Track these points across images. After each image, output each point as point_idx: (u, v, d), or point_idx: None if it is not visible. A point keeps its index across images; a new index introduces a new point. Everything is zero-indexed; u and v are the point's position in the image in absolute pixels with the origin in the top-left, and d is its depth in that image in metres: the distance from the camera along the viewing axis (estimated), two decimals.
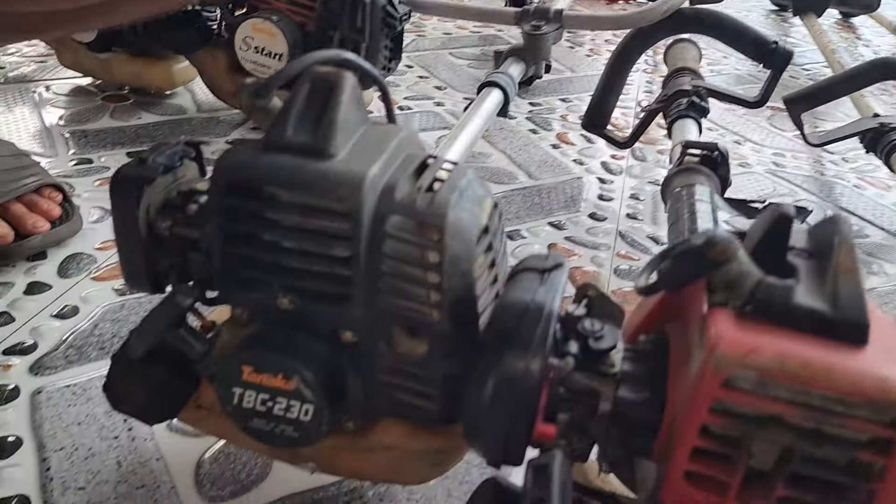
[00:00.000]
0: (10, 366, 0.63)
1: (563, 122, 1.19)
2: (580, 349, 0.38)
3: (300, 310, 0.41)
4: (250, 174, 0.39)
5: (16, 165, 0.79)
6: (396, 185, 0.40)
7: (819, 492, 0.33)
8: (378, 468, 0.46)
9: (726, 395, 0.32)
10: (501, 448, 0.37)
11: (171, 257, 0.46)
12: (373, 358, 0.41)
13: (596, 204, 0.97)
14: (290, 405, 0.41)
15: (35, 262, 0.75)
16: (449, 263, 0.38)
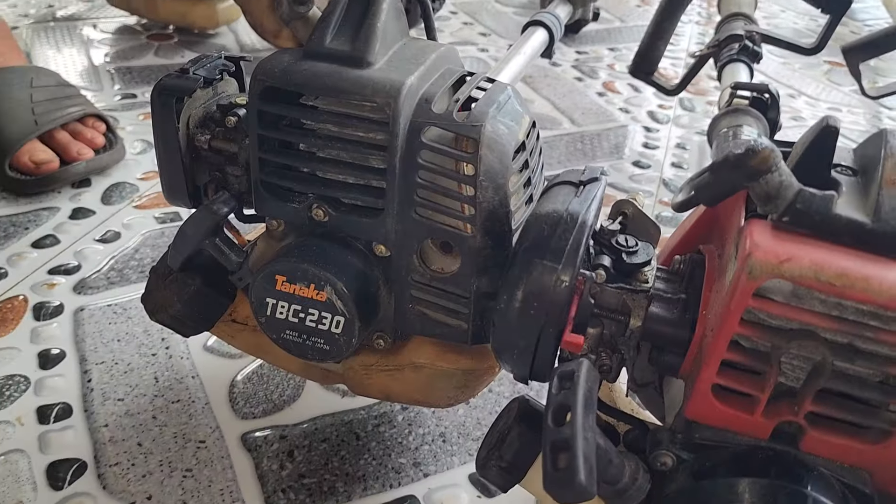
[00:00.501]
0: (55, 284, 0.64)
1: (609, 70, 1.16)
2: (613, 264, 0.37)
3: (334, 221, 0.41)
4: (288, 80, 0.39)
5: (60, 95, 0.80)
6: (434, 98, 0.39)
7: (850, 409, 0.32)
8: (407, 388, 0.46)
9: (759, 305, 0.31)
10: (529, 361, 0.37)
11: (209, 171, 0.46)
12: (405, 273, 0.41)
13: (640, 152, 0.95)
14: (321, 316, 0.41)
15: (80, 189, 0.77)
16: (484, 176, 0.38)
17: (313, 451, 0.52)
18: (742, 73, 0.82)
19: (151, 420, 0.53)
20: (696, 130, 1.01)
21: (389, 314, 0.43)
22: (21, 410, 0.53)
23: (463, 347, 0.44)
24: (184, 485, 0.49)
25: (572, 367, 0.31)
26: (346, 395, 0.56)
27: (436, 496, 0.50)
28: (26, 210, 0.73)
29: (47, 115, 0.77)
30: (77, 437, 0.51)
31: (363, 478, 0.51)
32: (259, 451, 0.52)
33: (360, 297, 0.40)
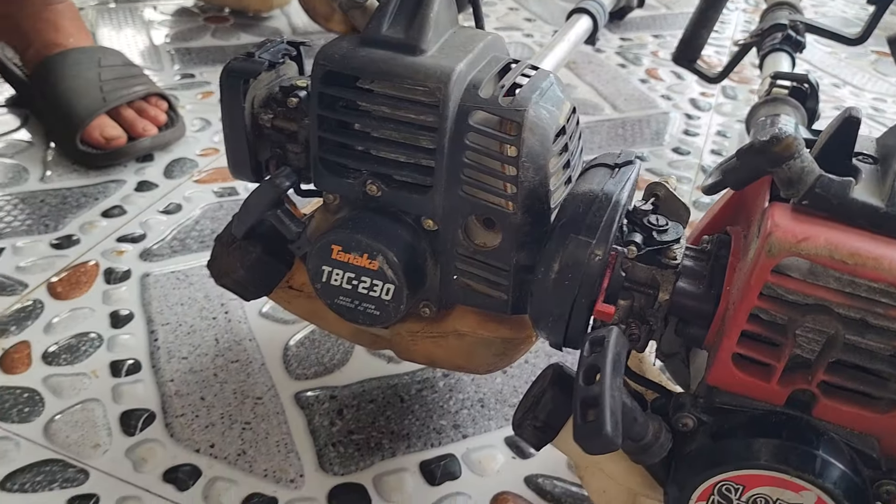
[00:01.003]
0: (123, 251, 0.69)
1: (653, 57, 1.18)
2: (644, 241, 0.39)
3: (386, 197, 0.44)
4: (347, 65, 0.42)
5: (126, 74, 0.85)
6: (481, 83, 0.42)
7: (860, 380, 0.34)
8: (449, 354, 0.49)
9: (778, 281, 0.33)
10: (563, 328, 0.40)
11: (270, 148, 0.49)
12: (451, 246, 0.44)
13: (680, 139, 0.96)
14: (373, 284, 0.44)
15: (144, 164, 0.82)
16: (526, 157, 0.40)
17: (361, 410, 0.56)
18: (784, 63, 0.83)
19: (213, 377, 0.58)
20: (738, 118, 1.02)
21: (435, 284, 0.46)
22: (96, 364, 0.58)
23: (503, 317, 0.47)
24: (243, 436, 0.53)
25: (603, 333, 0.34)
26: (391, 361, 0.60)
27: (473, 455, 0.54)
28: (96, 182, 0.78)
29: (114, 93, 0.81)
30: (146, 390, 0.56)
31: (407, 436, 0.54)
32: (311, 408, 0.56)
33: (408, 266, 0.44)
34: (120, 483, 0.50)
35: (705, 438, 0.37)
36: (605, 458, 0.42)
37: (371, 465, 0.52)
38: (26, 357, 0.58)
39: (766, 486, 0.35)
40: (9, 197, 0.75)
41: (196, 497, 0.49)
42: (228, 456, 0.52)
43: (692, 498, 0.37)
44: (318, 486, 0.51)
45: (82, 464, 0.51)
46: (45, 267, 0.66)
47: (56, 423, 0.53)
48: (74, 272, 0.66)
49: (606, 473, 0.43)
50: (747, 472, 0.35)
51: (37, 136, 0.84)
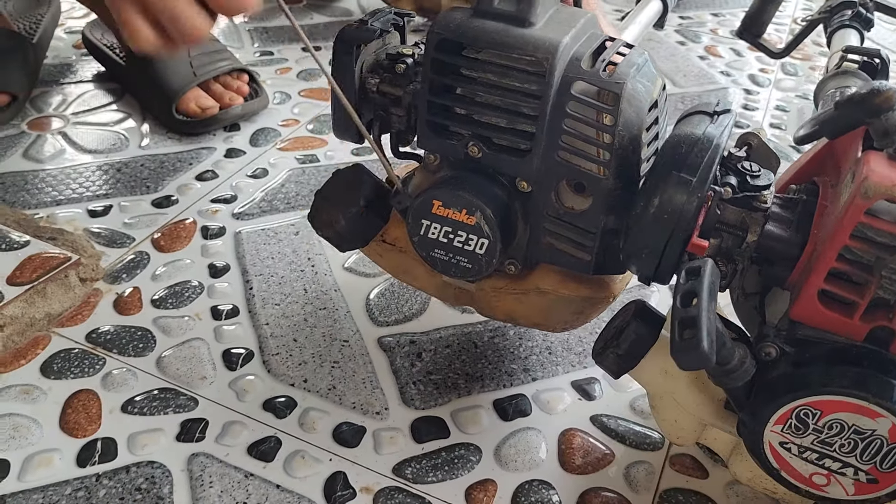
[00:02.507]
0: (217, 210, 0.75)
1: (712, 35, 1.19)
2: (738, 184, 0.42)
3: (486, 158, 0.47)
4: (461, 34, 0.45)
5: (212, 49, 0.91)
6: (582, 57, 0.45)
7: None
8: (530, 311, 0.52)
9: (870, 221, 0.36)
10: (656, 261, 0.43)
11: (374, 111, 0.53)
12: (542, 207, 0.47)
13: (740, 113, 0.98)
14: (468, 238, 0.47)
15: (231, 133, 0.88)
16: (622, 126, 0.43)
17: (438, 354, 0.61)
18: (853, 39, 0.84)
19: (303, 322, 0.63)
20: (798, 94, 1.03)
21: (522, 243, 0.49)
22: (198, 308, 0.64)
23: (582, 277, 0.50)
24: (332, 373, 0.59)
25: (699, 264, 0.37)
26: (465, 311, 0.65)
27: (542, 396, 0.58)
28: (189, 149, 0.85)
29: (203, 68, 0.88)
30: (244, 332, 0.62)
31: (480, 378, 0.59)
32: (393, 351, 0.61)
33: (503, 223, 0.47)
34: (226, 410, 0.56)
35: (787, 366, 0.40)
36: (680, 389, 0.46)
37: (448, 401, 0.57)
38: (138, 301, 0.64)
39: (843, 411, 0.38)
40: (113, 161, 0.82)
41: (293, 424, 0.55)
42: (320, 390, 0.57)
43: (770, 421, 0.40)
44: (402, 418, 0.56)
45: (192, 392, 0.57)
46: (148, 223, 0.73)
47: (167, 358, 0.59)
48: (174, 228, 0.73)
49: (680, 403, 0.46)
50: (826, 398, 0.38)
51: (132, 109, 0.91)
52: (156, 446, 0.53)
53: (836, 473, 0.41)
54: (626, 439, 0.55)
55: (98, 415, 0.55)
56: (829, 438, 0.40)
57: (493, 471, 0.53)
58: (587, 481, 0.52)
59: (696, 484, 0.53)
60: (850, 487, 0.41)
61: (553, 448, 0.54)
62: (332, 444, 0.54)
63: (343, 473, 0.52)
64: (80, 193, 0.76)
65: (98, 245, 0.70)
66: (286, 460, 0.52)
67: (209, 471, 0.51)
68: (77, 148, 0.83)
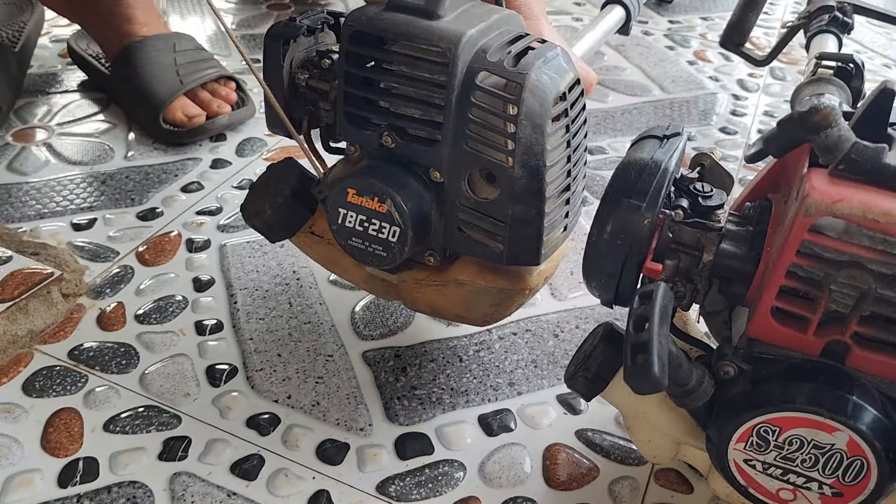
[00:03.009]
0: (202, 223, 0.75)
1: (701, 39, 1.19)
2: (690, 205, 0.43)
3: (400, 148, 0.48)
4: (372, 26, 0.46)
5: (198, 58, 0.91)
6: (490, 49, 0.46)
7: (891, 331, 0.38)
8: (450, 303, 0.53)
9: (814, 238, 0.37)
10: (614, 286, 0.43)
11: (305, 106, 0.54)
12: (454, 197, 0.48)
13: (728, 119, 0.98)
14: (381, 226, 0.48)
15: (217, 143, 0.87)
16: (524, 116, 0.44)
17: (423, 368, 0.61)
18: (830, 44, 0.84)
19: (288, 336, 0.63)
20: (785, 99, 1.03)
21: (440, 234, 0.50)
22: (182, 323, 0.64)
23: (500, 269, 0.51)
24: (316, 389, 0.59)
25: (651, 288, 0.38)
26: (450, 325, 0.65)
27: (527, 411, 0.58)
28: (174, 160, 0.84)
29: (190, 76, 0.87)
30: (228, 347, 0.62)
31: (465, 392, 0.59)
32: (377, 365, 0.61)
33: (414, 212, 0.48)
34: (209, 427, 0.55)
35: (745, 384, 0.40)
36: (650, 409, 0.46)
37: (433, 416, 0.57)
38: (121, 316, 0.64)
39: (801, 427, 0.39)
40: (98, 173, 0.81)
41: (276, 441, 0.55)
42: (304, 406, 0.57)
43: (732, 439, 0.41)
44: (386, 435, 0.56)
45: (175, 410, 0.56)
46: (133, 236, 0.73)
47: (150, 375, 0.59)
48: (159, 241, 0.72)
49: (651, 423, 0.47)
50: (784, 415, 0.39)
51: (118, 119, 0.91)
52: (138, 465, 0.53)
53: (802, 488, 0.41)
54: (610, 454, 0.55)
55: (80, 434, 0.54)
56: (791, 454, 0.40)
57: (477, 488, 0.52)
58: (572, 497, 0.52)
59: (680, 499, 0.53)
60: (816, 502, 0.42)
61: (538, 464, 0.54)
62: (316, 461, 0.53)
63: (326, 492, 0.52)
64: (64, 206, 0.76)
65: (82, 259, 0.69)
66: (269, 479, 0.52)
67: (191, 490, 0.51)
68: (62, 159, 0.83)
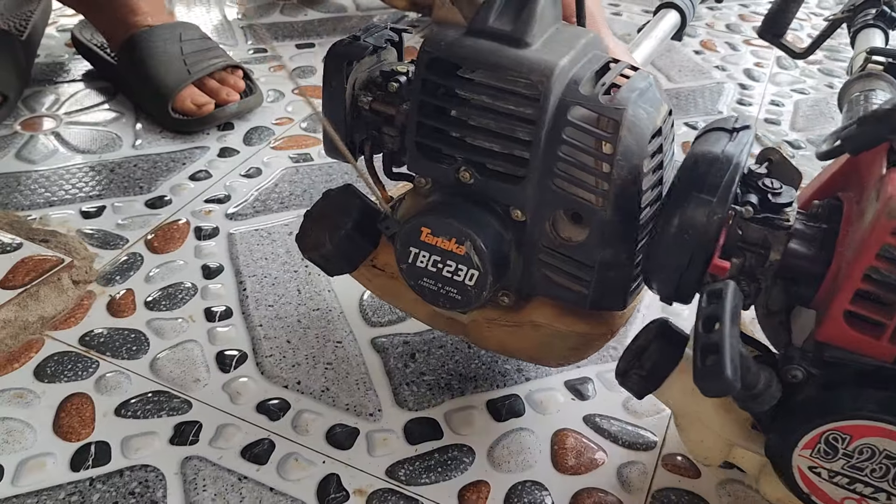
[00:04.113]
0: (211, 211, 0.75)
1: (708, 29, 1.19)
2: (759, 202, 0.41)
3: (479, 184, 0.45)
4: (453, 53, 0.43)
5: (204, 47, 0.91)
6: (582, 80, 0.43)
7: None
8: (524, 345, 0.50)
9: (895, 242, 0.35)
10: (675, 282, 0.42)
11: (367, 129, 0.51)
12: (537, 238, 0.45)
13: (734, 108, 0.98)
14: (458, 269, 0.46)
15: (225, 132, 0.88)
16: (621, 155, 0.41)
17: (432, 355, 0.61)
18: (877, 39, 0.82)
19: (297, 323, 0.63)
20: (793, 87, 1.03)
21: (517, 274, 0.47)
22: (192, 310, 0.64)
23: (580, 312, 0.48)
24: (326, 374, 0.59)
25: (721, 286, 0.36)
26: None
27: (536, 396, 0.58)
28: (182, 148, 0.84)
29: (197, 65, 0.87)
30: (238, 333, 0.62)
31: (474, 378, 0.59)
32: (386, 352, 0.61)
33: (494, 254, 0.45)
34: (219, 412, 0.56)
35: (814, 389, 0.39)
36: (704, 410, 0.45)
37: (442, 402, 0.57)
38: (131, 303, 0.64)
39: (873, 436, 0.38)
40: (106, 161, 0.81)
41: (286, 426, 0.55)
42: (314, 392, 0.58)
43: (798, 445, 0.40)
44: (395, 420, 0.56)
45: (185, 395, 0.57)
46: (141, 224, 0.73)
47: (160, 361, 0.59)
48: (168, 229, 0.73)
49: (705, 424, 0.45)
50: (855, 423, 0.38)
51: (125, 108, 0.91)
52: (149, 450, 0.53)
53: (869, 498, 0.40)
54: (618, 439, 0.55)
55: (91, 418, 0.55)
56: (860, 463, 0.39)
57: (486, 472, 0.53)
58: (580, 482, 0.52)
59: (688, 483, 0.53)
60: None
61: (546, 449, 0.54)
62: (326, 446, 0.54)
63: (336, 475, 0.52)
64: (73, 194, 0.76)
65: (91, 247, 0.70)
66: (279, 463, 0.52)
67: (203, 474, 0.52)
68: (70, 148, 0.83)
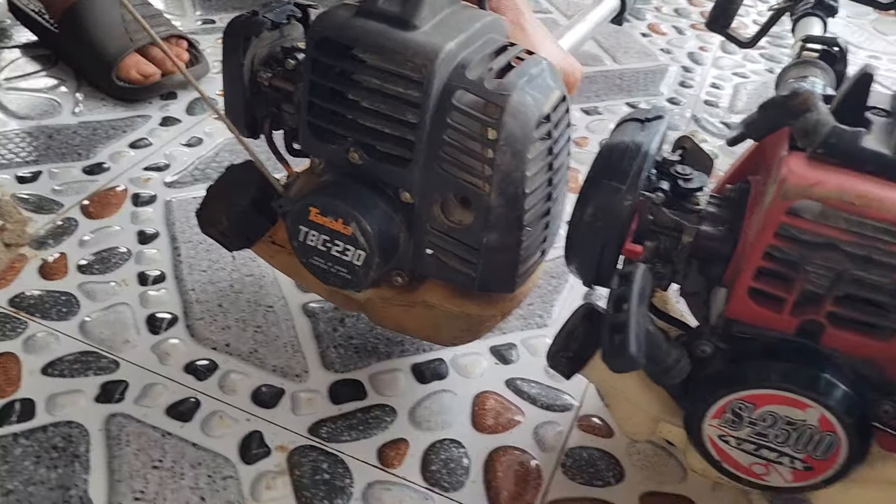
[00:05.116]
0: (150, 179, 0.76)
1: (656, 12, 1.21)
2: (671, 188, 0.43)
3: (368, 166, 0.45)
4: (340, 34, 0.43)
5: (145, 14, 0.90)
6: (470, 64, 0.42)
7: (864, 311, 0.39)
8: (417, 324, 0.51)
9: (791, 221, 0.38)
10: (594, 267, 0.44)
11: (267, 106, 0.51)
12: (425, 220, 0.46)
13: (676, 89, 1.01)
14: (346, 249, 0.46)
15: (168, 101, 0.88)
16: (504, 141, 0.42)
17: (361, 319, 0.62)
18: (815, 27, 0.84)
19: (229, 288, 0.64)
20: (734, 71, 1.06)
21: (408, 255, 0.48)
22: (125, 274, 0.65)
23: (471, 294, 0.49)
24: (255, 337, 0.60)
25: (630, 269, 0.38)
26: None
27: (460, 361, 0.60)
28: (123, 117, 0.84)
29: (139, 33, 0.87)
30: (170, 297, 0.63)
31: (401, 342, 0.61)
32: (316, 317, 0.62)
33: (381, 235, 0.45)
34: (147, 372, 0.57)
35: (722, 362, 0.41)
36: (630, 387, 0.47)
37: (368, 365, 0.59)
38: (63, 267, 0.65)
39: (774, 404, 0.40)
40: (44, 128, 0.81)
41: (213, 386, 0.56)
42: (242, 353, 0.59)
43: (707, 415, 0.42)
44: (321, 381, 0.57)
45: (114, 355, 0.58)
46: (78, 190, 0.73)
47: (90, 322, 0.60)
48: (105, 195, 0.73)
49: (630, 401, 0.47)
50: (758, 392, 0.40)
51: (66, 75, 0.90)
52: (74, 407, 0.54)
53: (774, 463, 0.42)
54: (537, 401, 0.57)
55: (18, 377, 0.55)
56: (764, 430, 0.41)
57: (406, 431, 0.54)
58: (497, 440, 0.54)
59: (601, 443, 0.55)
60: (787, 475, 0.43)
61: (466, 409, 0.56)
62: (251, 405, 0.55)
63: (259, 433, 0.53)
64: (9, 160, 0.76)
65: (25, 211, 0.70)
66: (204, 420, 0.54)
67: (127, 430, 0.52)
68: (8, 114, 0.83)
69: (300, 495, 0.50)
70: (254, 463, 0.51)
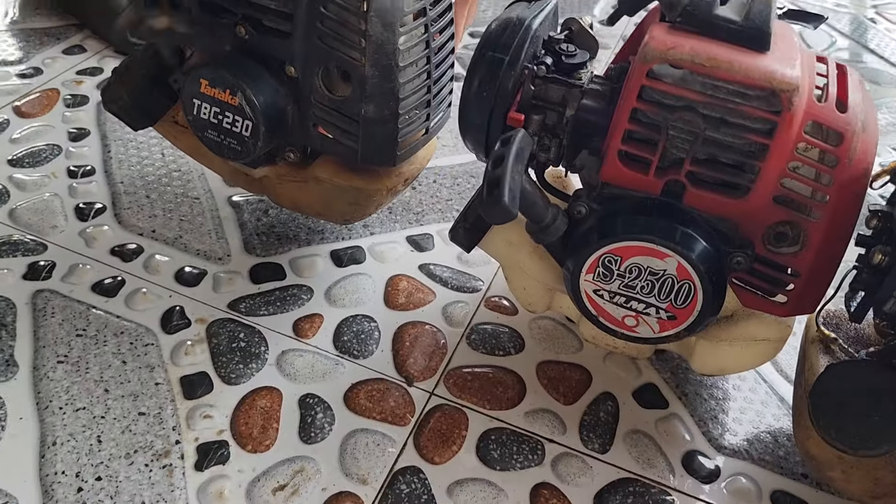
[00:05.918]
0: (82, 82, 0.77)
1: None
2: (554, 63, 0.46)
3: (254, 40, 0.48)
4: None
5: None
6: None
7: (719, 170, 0.43)
8: (310, 199, 0.55)
9: (653, 84, 0.41)
10: (483, 140, 0.47)
11: None
12: (309, 93, 0.49)
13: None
14: (235, 119, 0.49)
15: None
16: (375, 13, 0.45)
17: (284, 212, 0.65)
18: None
19: (158, 181, 0.66)
20: None
21: (297, 128, 0.50)
22: (55, 168, 0.67)
23: (359, 169, 0.52)
24: (181, 225, 0.63)
25: (512, 133, 0.41)
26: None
27: (377, 248, 0.63)
28: (57, 25, 0.85)
29: None
30: (98, 189, 0.65)
31: (321, 231, 0.64)
32: (241, 208, 0.65)
33: (266, 106, 0.48)
34: (73, 254, 0.59)
35: (594, 220, 0.45)
36: (523, 258, 0.50)
37: (288, 250, 0.62)
38: None
39: (638, 255, 0.44)
40: None
41: (138, 267, 0.59)
42: (167, 239, 0.61)
43: (582, 270, 0.45)
44: (242, 264, 0.60)
45: (42, 239, 0.60)
46: (11, 91, 0.74)
47: (19, 210, 0.62)
48: (38, 97, 0.74)
49: (526, 272, 0.51)
50: (623, 245, 0.44)
51: None
52: (2, 284, 0.56)
53: (642, 314, 0.46)
54: (448, 283, 0.61)
55: None
56: (632, 282, 0.45)
57: (321, 307, 0.58)
58: (407, 316, 0.58)
59: (505, 319, 0.59)
60: (655, 326, 0.46)
61: (380, 290, 0.60)
62: (174, 283, 0.58)
63: (181, 307, 0.56)
64: None
65: None
66: (128, 296, 0.56)
67: (52, 304, 0.55)
68: None
69: (217, 360, 0.53)
70: (174, 333, 0.54)
